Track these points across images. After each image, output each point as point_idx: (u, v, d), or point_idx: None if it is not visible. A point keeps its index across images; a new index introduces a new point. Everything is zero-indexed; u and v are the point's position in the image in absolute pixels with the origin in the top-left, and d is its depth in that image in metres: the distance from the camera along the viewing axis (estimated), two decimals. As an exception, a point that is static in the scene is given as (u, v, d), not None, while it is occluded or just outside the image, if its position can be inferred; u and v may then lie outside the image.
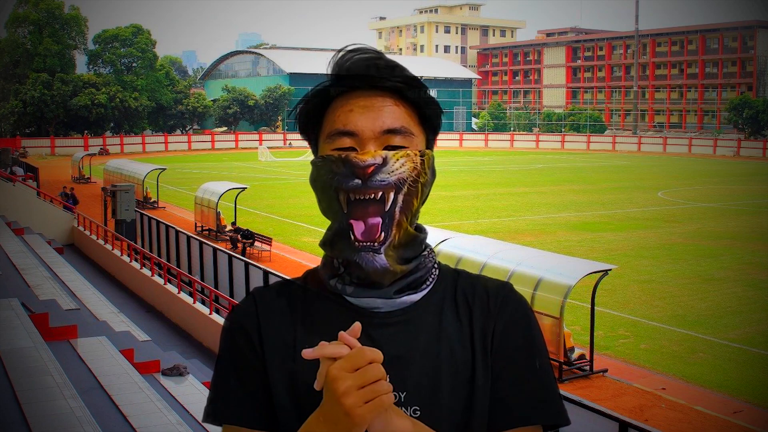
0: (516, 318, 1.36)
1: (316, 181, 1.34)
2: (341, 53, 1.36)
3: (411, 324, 1.32)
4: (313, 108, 1.36)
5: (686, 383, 11.62)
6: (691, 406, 10.69)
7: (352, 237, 1.30)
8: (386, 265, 1.29)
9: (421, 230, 1.38)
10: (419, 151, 1.31)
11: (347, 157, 1.28)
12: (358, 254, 1.29)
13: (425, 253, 1.37)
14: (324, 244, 1.37)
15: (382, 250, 1.29)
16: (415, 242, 1.34)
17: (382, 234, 1.29)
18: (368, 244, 1.29)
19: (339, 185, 1.29)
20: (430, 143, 1.38)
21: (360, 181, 1.27)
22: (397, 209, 1.30)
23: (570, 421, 1.34)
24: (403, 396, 1.27)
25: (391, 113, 1.31)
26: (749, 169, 49.61)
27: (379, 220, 1.29)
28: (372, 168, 1.27)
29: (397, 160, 1.28)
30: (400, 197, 1.29)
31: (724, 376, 11.84)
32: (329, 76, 1.36)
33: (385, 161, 1.27)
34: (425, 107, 1.35)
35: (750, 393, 11.22)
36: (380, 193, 1.28)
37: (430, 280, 1.37)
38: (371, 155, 1.27)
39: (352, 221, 1.30)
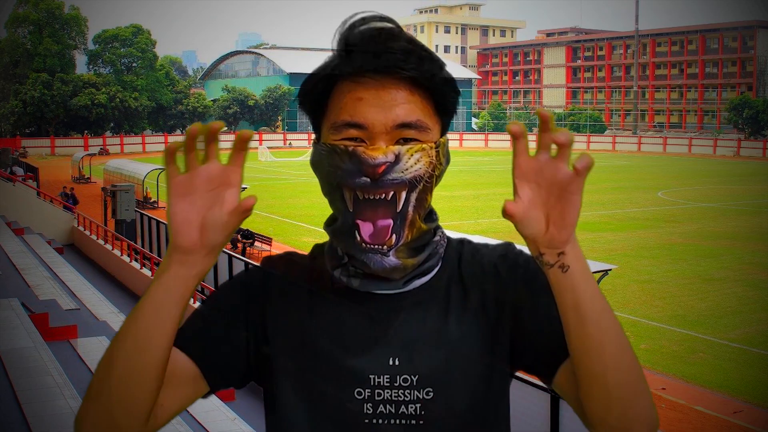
0: (528, 275, 1.26)
1: (317, 168, 1.22)
2: (349, 24, 1.20)
3: (420, 306, 1.24)
4: (318, 91, 1.22)
5: (686, 383, 11.62)
6: (691, 406, 10.69)
7: (359, 238, 1.18)
8: (397, 264, 1.19)
9: (432, 216, 1.28)
10: (435, 143, 1.19)
11: (355, 152, 1.15)
12: (366, 255, 1.19)
13: (437, 238, 1.28)
14: (333, 233, 1.25)
15: (391, 253, 1.19)
16: (427, 233, 1.25)
17: (393, 236, 1.18)
18: (377, 246, 1.18)
19: (344, 182, 1.17)
20: (445, 129, 1.25)
21: (369, 180, 1.15)
22: (410, 208, 1.18)
23: None
24: (415, 379, 1.21)
25: (405, 105, 1.16)
26: (749, 169, 49.60)
27: (390, 222, 1.17)
28: (383, 167, 1.14)
29: (412, 155, 1.16)
30: (414, 195, 1.18)
31: (724, 376, 11.84)
32: (335, 53, 1.20)
33: (397, 158, 1.15)
34: (442, 96, 1.21)
35: (750, 393, 11.22)
36: (392, 193, 1.16)
37: (438, 259, 1.28)
38: (382, 152, 1.14)
39: (359, 221, 1.18)
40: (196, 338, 1.22)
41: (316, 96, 1.22)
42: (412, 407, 1.21)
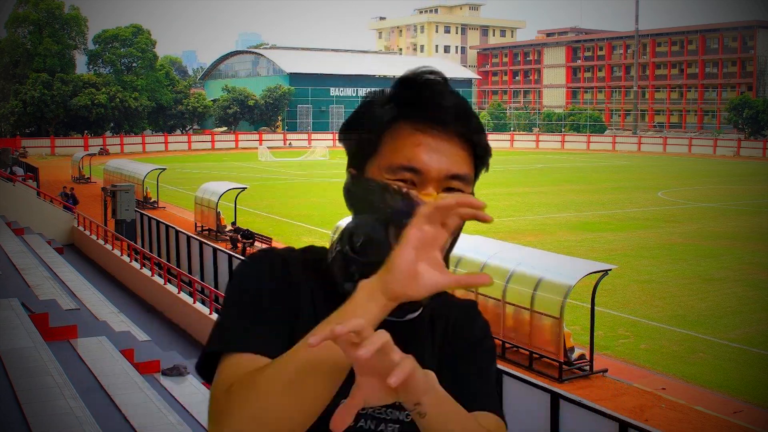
0: (483, 335, 1.38)
1: (359, 199, 1.26)
2: (412, 75, 1.28)
3: (410, 335, 1.28)
4: (374, 130, 1.27)
5: (686, 383, 11.63)
6: (691, 406, 10.70)
7: None
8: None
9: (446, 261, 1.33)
10: (472, 194, 1.27)
11: (409, 194, 1.21)
12: None
13: None
14: (367, 259, 1.23)
15: None
16: None
17: None
18: None
19: (392, 220, 1.20)
20: (475, 182, 1.35)
21: None
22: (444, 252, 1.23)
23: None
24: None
25: (457, 158, 1.26)
26: (749, 169, 49.62)
27: None
28: None
29: None
30: (449, 240, 1.20)
31: (724, 376, 11.85)
32: (397, 101, 1.27)
33: None
34: (482, 153, 1.32)
35: (750, 393, 11.23)
36: None
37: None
38: (434, 198, 1.20)
39: None
40: (269, 338, 1.20)
41: (370, 134, 1.27)
42: (391, 427, 1.25)
